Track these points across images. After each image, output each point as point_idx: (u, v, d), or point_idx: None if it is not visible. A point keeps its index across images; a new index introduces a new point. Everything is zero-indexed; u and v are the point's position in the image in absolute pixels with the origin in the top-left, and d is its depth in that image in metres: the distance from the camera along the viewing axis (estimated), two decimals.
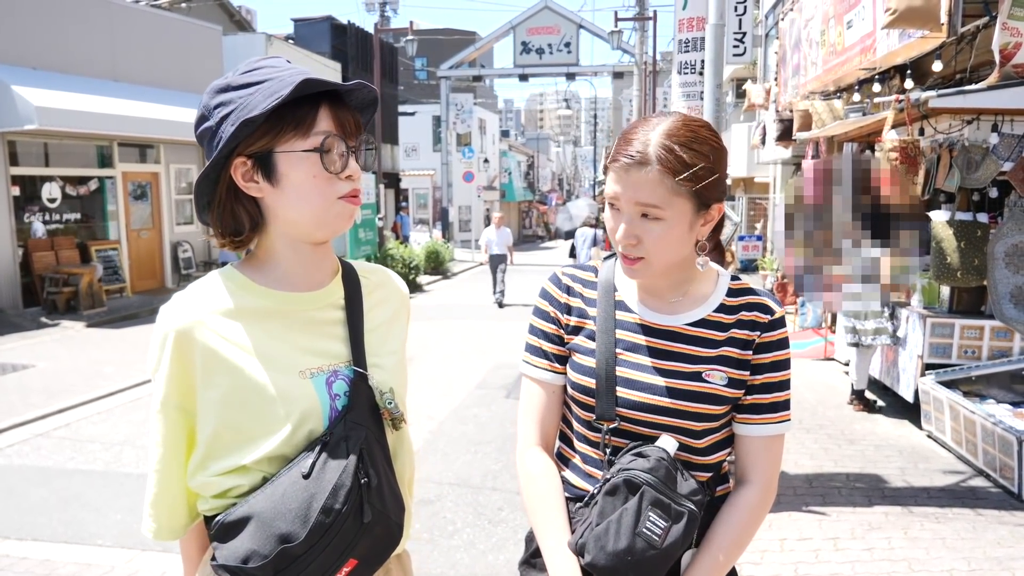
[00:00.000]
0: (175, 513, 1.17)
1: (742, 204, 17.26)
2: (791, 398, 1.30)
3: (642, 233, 1.20)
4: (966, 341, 5.16)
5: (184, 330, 1.09)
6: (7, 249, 10.21)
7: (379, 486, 1.09)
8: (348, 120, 1.12)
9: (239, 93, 1.08)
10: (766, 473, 1.28)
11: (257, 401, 1.09)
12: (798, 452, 4.82)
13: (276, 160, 1.08)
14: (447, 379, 7.06)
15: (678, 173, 1.17)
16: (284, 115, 1.07)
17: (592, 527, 1.17)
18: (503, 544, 3.65)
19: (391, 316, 1.28)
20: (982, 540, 3.55)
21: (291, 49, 17.06)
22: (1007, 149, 4.68)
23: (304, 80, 1.05)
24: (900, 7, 4.26)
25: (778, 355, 1.28)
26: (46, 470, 4.69)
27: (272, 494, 1.05)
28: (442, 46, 32.35)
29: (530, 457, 1.33)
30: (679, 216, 1.20)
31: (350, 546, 1.06)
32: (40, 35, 10.63)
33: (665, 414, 1.24)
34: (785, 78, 8.73)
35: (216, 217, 1.14)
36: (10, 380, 7.02)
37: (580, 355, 1.31)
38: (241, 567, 1.03)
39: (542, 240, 37.88)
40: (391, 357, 1.23)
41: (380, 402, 1.15)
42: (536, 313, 1.37)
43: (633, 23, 22.75)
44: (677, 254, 1.24)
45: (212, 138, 1.09)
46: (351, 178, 1.12)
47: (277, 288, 1.15)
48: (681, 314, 1.29)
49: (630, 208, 1.20)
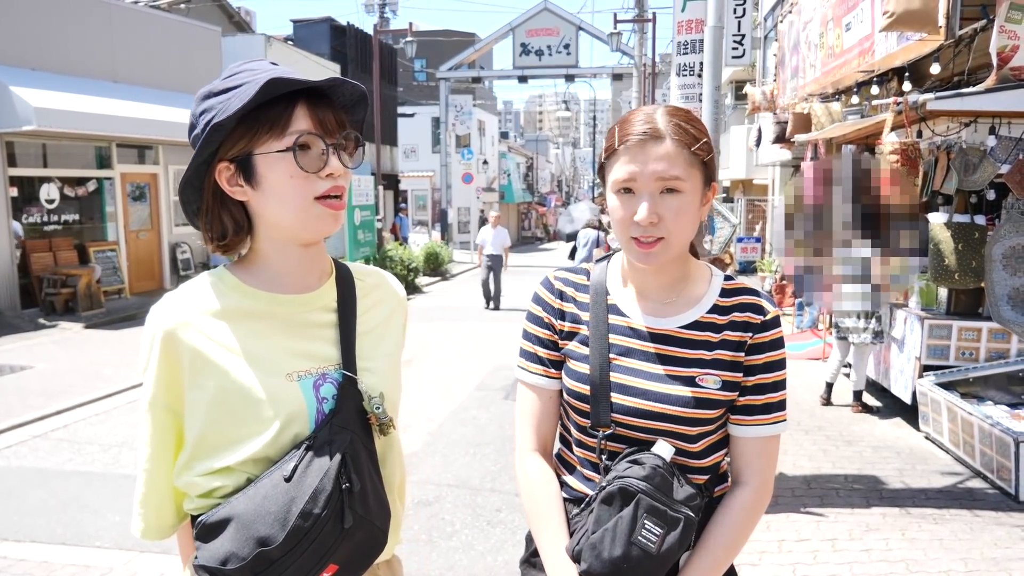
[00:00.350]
0: (163, 512, 1.17)
1: (741, 206, 17.27)
2: (787, 398, 1.30)
3: (663, 210, 1.19)
4: (964, 343, 5.17)
5: (171, 330, 1.09)
6: (5, 250, 10.19)
7: (362, 491, 1.08)
8: (328, 118, 1.10)
9: (219, 99, 1.08)
10: (761, 474, 1.28)
11: (242, 403, 1.09)
12: (796, 453, 4.82)
13: (255, 163, 1.08)
14: (446, 381, 7.06)
15: (692, 144, 1.20)
16: (259, 117, 1.06)
17: (588, 534, 1.18)
18: (501, 545, 3.65)
19: (385, 319, 1.27)
20: (979, 541, 3.56)
21: (290, 50, 17.06)
22: (1005, 151, 4.69)
23: (270, 80, 1.04)
24: (898, 10, 4.27)
25: (771, 356, 1.27)
26: (44, 471, 4.69)
27: (253, 496, 1.05)
28: (441, 47, 32.38)
29: (527, 463, 1.34)
30: (695, 189, 1.21)
31: (330, 551, 1.05)
32: (39, 36, 10.62)
33: (660, 419, 1.24)
34: (784, 80, 8.74)
35: (205, 222, 1.14)
36: (8, 381, 7.02)
37: (574, 361, 1.30)
38: (220, 568, 1.03)
39: (541, 242, 37.87)
40: (383, 360, 1.22)
41: (368, 407, 1.14)
42: (529, 318, 1.37)
43: (632, 25, 22.79)
44: (691, 232, 1.24)
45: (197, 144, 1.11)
46: (332, 176, 1.09)
47: (267, 290, 1.15)
48: (674, 316, 1.29)
49: (651, 185, 1.19)
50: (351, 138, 1.13)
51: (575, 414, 1.31)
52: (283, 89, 1.06)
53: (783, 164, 12.79)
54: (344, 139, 1.12)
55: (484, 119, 30.39)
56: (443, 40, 34.78)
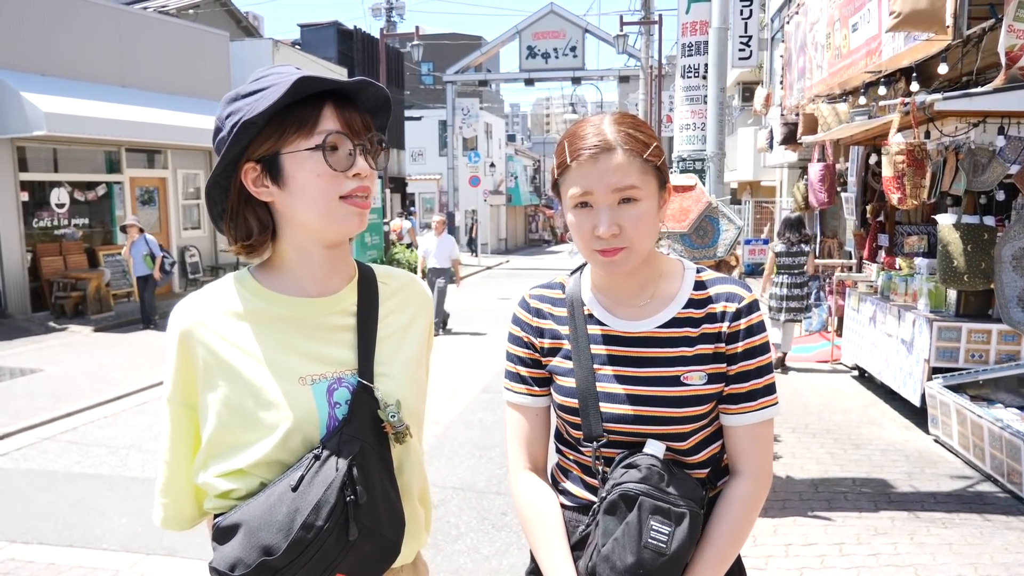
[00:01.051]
0: (182, 504, 1.18)
1: (749, 208, 17.21)
2: (775, 382, 1.29)
3: (622, 220, 1.19)
4: (973, 345, 5.13)
5: (188, 330, 1.11)
6: (16, 254, 10.28)
7: (370, 503, 1.07)
8: (355, 119, 1.12)
9: (246, 100, 1.09)
10: (755, 462, 1.27)
11: (252, 405, 1.09)
12: (804, 457, 4.80)
13: (283, 162, 1.09)
14: (453, 384, 7.06)
15: (643, 151, 1.20)
16: (288, 117, 1.07)
17: (599, 549, 1.18)
18: (506, 549, 3.64)
19: (407, 322, 1.25)
20: (989, 545, 3.53)
21: (297, 55, 17.15)
22: (1014, 152, 4.65)
23: (300, 79, 1.05)
24: (904, 10, 4.25)
25: (750, 342, 1.26)
26: (52, 474, 4.72)
27: (263, 504, 1.05)
28: (448, 51, 32.44)
29: (521, 483, 1.34)
30: (651, 195, 1.22)
31: (334, 563, 1.05)
32: (49, 42, 10.71)
33: (651, 423, 1.24)
34: (791, 81, 8.71)
35: (230, 224, 1.15)
36: (18, 384, 7.07)
37: (560, 377, 1.30)
38: (228, 573, 1.04)
39: (548, 244, 37.87)
40: (402, 366, 1.20)
41: (383, 415, 1.12)
42: (510, 339, 1.37)
43: (639, 27, 22.75)
44: (652, 237, 1.24)
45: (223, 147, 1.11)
46: (359, 176, 1.11)
47: (288, 293, 1.16)
48: (651, 317, 1.28)
49: (607, 198, 1.19)
50: (376, 140, 1.15)
51: (568, 426, 1.31)
52: (312, 89, 1.07)
53: (791, 166, 12.75)
54: (369, 141, 1.13)
55: (491, 122, 30.43)
56: (449, 43, 34.85)
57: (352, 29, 21.36)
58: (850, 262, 8.17)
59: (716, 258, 3.56)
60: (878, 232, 7.26)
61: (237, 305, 1.13)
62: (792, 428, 5.37)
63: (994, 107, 4.58)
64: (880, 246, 7.15)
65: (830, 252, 9.79)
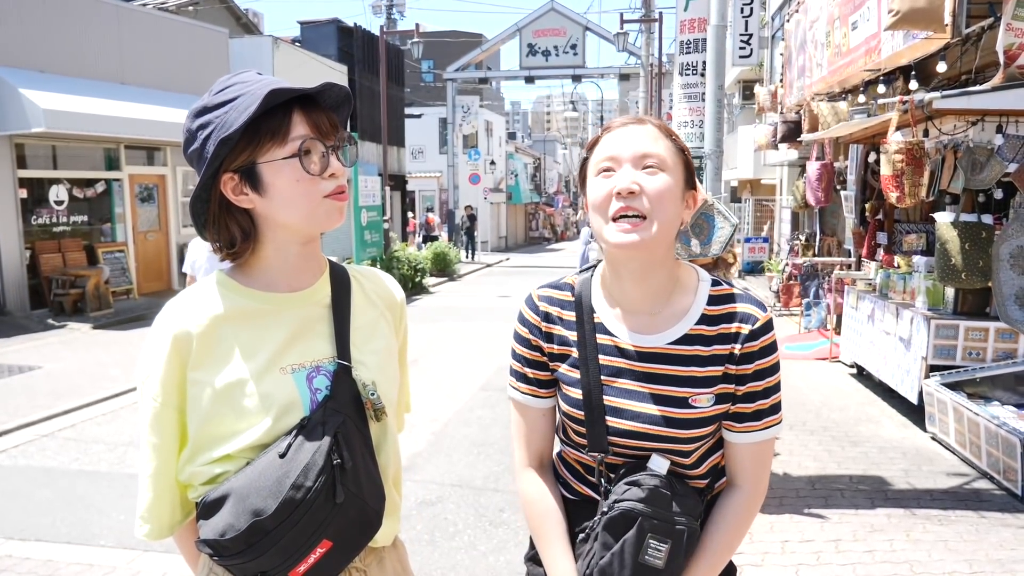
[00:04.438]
0: (169, 513, 1.21)
1: (749, 206, 17.21)
2: (781, 400, 1.29)
3: (644, 182, 1.17)
4: (970, 343, 5.13)
5: (179, 332, 1.15)
6: (15, 251, 10.27)
7: (354, 469, 1.12)
8: (323, 121, 1.16)
9: (215, 113, 1.13)
10: (753, 478, 1.28)
11: (239, 396, 1.14)
12: (801, 454, 4.80)
13: (260, 171, 1.14)
14: (451, 381, 7.06)
15: (673, 136, 1.24)
16: (260, 127, 1.12)
17: (597, 559, 1.20)
18: (504, 546, 3.65)
19: (376, 316, 1.31)
20: (985, 543, 3.53)
21: (297, 52, 17.11)
22: (1012, 150, 4.65)
23: (271, 91, 1.09)
24: (903, 8, 4.25)
25: (761, 364, 1.24)
26: (51, 471, 4.72)
27: (250, 473, 1.10)
28: (448, 48, 32.40)
29: (525, 480, 1.36)
30: (677, 178, 1.21)
31: (322, 525, 1.09)
32: (48, 38, 10.70)
33: (656, 440, 1.24)
34: (791, 80, 8.71)
35: (213, 232, 1.20)
36: (17, 381, 7.07)
37: (567, 386, 1.29)
38: (218, 540, 1.07)
39: (548, 242, 37.87)
40: (373, 356, 1.25)
41: (363, 393, 1.19)
42: (516, 338, 1.36)
43: (639, 25, 22.72)
44: (674, 222, 1.21)
45: (199, 159, 1.15)
46: (334, 176, 1.17)
47: (265, 289, 1.21)
48: (663, 332, 1.25)
49: (631, 160, 1.19)
50: (345, 138, 1.20)
51: (573, 433, 1.32)
52: (283, 97, 1.12)
53: (791, 164, 12.74)
54: (339, 140, 1.19)
55: (491, 120, 30.39)
56: (450, 41, 34.80)
57: (352, 26, 21.29)
58: (849, 260, 8.18)
59: (712, 256, 3.56)
60: (877, 230, 7.26)
61: (218, 305, 1.18)
62: (790, 425, 5.38)
63: (992, 106, 4.58)
64: (879, 244, 7.15)
65: (829, 250, 9.80)
